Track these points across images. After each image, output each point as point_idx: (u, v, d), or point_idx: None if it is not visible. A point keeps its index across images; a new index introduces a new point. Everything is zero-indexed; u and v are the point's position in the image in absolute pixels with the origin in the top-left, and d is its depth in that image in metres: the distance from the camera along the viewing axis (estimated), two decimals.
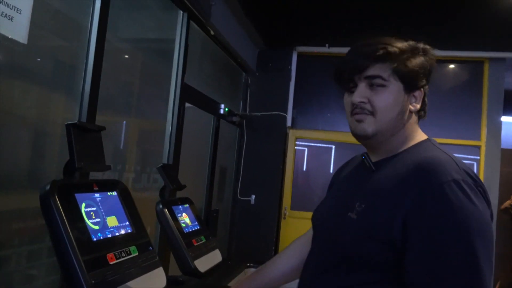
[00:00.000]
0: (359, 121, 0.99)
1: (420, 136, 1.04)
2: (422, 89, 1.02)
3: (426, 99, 1.05)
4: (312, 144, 4.64)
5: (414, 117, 1.03)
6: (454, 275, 0.81)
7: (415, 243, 0.85)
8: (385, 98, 0.96)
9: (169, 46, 2.70)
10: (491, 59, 4.20)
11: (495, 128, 4.16)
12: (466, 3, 3.97)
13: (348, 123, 1.03)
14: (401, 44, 0.99)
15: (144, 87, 2.60)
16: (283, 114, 4.32)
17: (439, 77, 4.45)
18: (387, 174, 0.96)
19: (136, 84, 2.50)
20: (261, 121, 4.27)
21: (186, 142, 2.81)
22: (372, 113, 0.97)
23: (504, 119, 4.44)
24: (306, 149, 4.63)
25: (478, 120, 4.23)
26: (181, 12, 2.72)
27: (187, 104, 2.83)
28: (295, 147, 4.48)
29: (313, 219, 1.15)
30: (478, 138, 4.21)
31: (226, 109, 3.56)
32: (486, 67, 4.23)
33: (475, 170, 4.20)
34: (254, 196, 4.24)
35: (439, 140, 3.81)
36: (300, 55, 4.49)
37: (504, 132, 4.23)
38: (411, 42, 1.01)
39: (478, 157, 4.20)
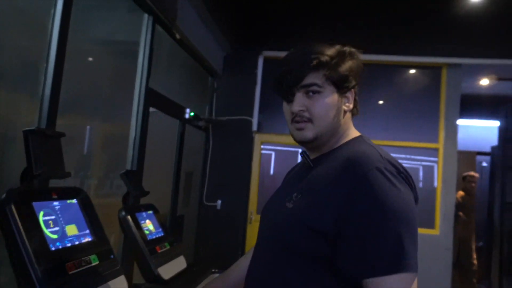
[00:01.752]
0: (299, 129, 1.06)
1: (353, 133, 1.12)
2: (353, 89, 1.10)
3: (357, 98, 1.13)
4: (279, 148, 4.67)
5: (348, 115, 1.11)
6: (380, 256, 0.87)
7: (345, 231, 0.91)
8: (321, 103, 1.04)
9: (135, 48, 2.66)
10: (448, 65, 4.37)
11: (452, 131, 4.33)
12: (425, 11, 4.14)
13: (290, 130, 1.11)
14: (330, 51, 1.06)
15: (110, 90, 2.55)
16: (249, 118, 4.34)
17: (399, 82, 4.60)
18: (322, 168, 1.04)
19: (101, 86, 2.45)
20: (227, 125, 4.27)
21: (151, 148, 2.77)
22: (311, 120, 1.04)
23: (461, 122, 4.63)
24: (273, 153, 4.67)
25: (436, 123, 4.39)
26: (146, 15, 2.69)
27: (151, 109, 2.79)
28: (261, 151, 4.50)
29: (261, 213, 1.21)
30: (436, 140, 4.37)
31: (192, 114, 3.53)
32: (444, 72, 4.40)
33: (434, 172, 4.35)
34: (220, 201, 4.22)
35: (399, 143, 3.90)
36: (266, 60, 4.52)
37: (460, 135, 4.41)
38: (338, 47, 1.09)
39: (437, 159, 4.36)
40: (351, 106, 1.10)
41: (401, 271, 0.85)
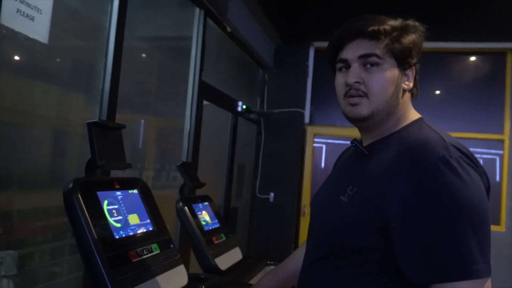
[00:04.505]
0: (353, 104, 0.96)
1: (413, 115, 1.01)
2: (413, 67, 0.99)
3: (417, 77, 1.01)
4: (330, 140, 4.59)
5: (407, 96, 1.00)
6: (445, 258, 0.79)
7: (404, 229, 0.83)
8: (380, 78, 0.94)
9: (186, 44, 2.70)
10: None
11: None
12: None
13: (340, 105, 1.01)
14: (392, 22, 0.97)
15: (162, 85, 2.61)
16: (301, 110, 4.29)
17: (460, 69, 4.36)
18: (378, 157, 0.95)
19: (154, 82, 2.51)
20: (279, 118, 4.25)
21: (205, 140, 2.81)
22: (367, 95, 0.95)
23: None
24: (324, 146, 4.60)
25: (501, 113, 4.12)
26: (198, 9, 2.71)
27: (205, 102, 2.83)
28: (314, 144, 4.45)
29: (311, 204, 1.14)
30: (501, 131, 4.10)
31: (244, 106, 3.54)
32: (509, 58, 4.12)
33: (497, 165, 4.10)
34: (273, 193, 4.22)
35: (460, 135, 3.70)
36: (317, 50, 4.44)
37: None
38: (401, 20, 0.99)
39: (502, 152, 4.09)
40: (411, 85, 0.99)
41: (471, 277, 0.77)
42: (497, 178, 4.09)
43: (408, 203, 0.83)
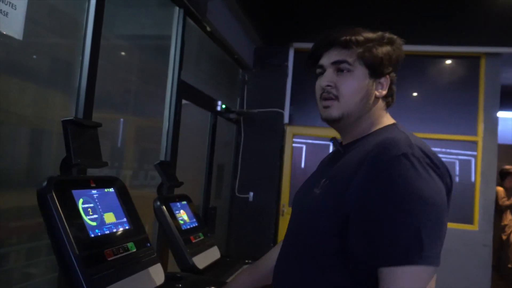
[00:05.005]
0: (326, 107, 1.05)
1: (387, 121, 1.08)
2: (388, 76, 1.06)
3: (393, 87, 1.09)
4: (310, 141, 4.64)
5: (381, 103, 1.08)
6: (396, 245, 0.82)
7: (360, 214, 0.88)
8: (350, 83, 1.02)
9: (165, 42, 2.68)
10: (487, 54, 4.20)
11: (492, 124, 4.17)
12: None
13: (318, 107, 1.09)
14: (368, 34, 1.05)
15: (141, 84, 2.59)
16: (280, 110, 4.32)
17: (436, 72, 4.46)
18: (352, 154, 1.01)
19: (132, 81, 2.49)
20: (259, 118, 4.26)
21: (184, 139, 2.80)
22: (337, 98, 1.03)
23: (501, 114, 4.45)
24: (304, 146, 4.63)
25: (475, 115, 4.23)
26: (177, 8, 2.71)
27: (184, 101, 2.82)
28: (293, 144, 4.48)
29: (293, 201, 1.21)
30: (475, 133, 4.22)
31: (223, 106, 3.55)
32: (483, 62, 4.24)
33: (472, 166, 4.21)
34: (252, 193, 4.23)
35: (436, 136, 3.78)
36: (297, 51, 4.48)
37: (500, 127, 4.24)
38: (379, 33, 1.07)
39: (476, 153, 4.21)
40: (384, 93, 1.06)
41: (418, 263, 0.80)
42: (473, 179, 4.20)
43: (364, 191, 0.88)
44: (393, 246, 0.82)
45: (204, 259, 1.78)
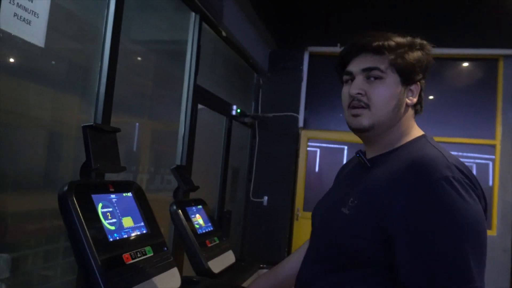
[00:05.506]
0: (355, 115, 1.00)
1: (416, 131, 1.04)
2: (418, 83, 1.02)
3: (422, 94, 1.05)
4: (324, 144, 4.62)
5: (411, 111, 1.04)
6: (444, 273, 0.80)
7: (406, 243, 0.84)
8: (382, 90, 0.98)
9: (181, 47, 2.71)
10: (505, 56, 4.14)
11: (510, 127, 4.10)
12: (480, 1, 3.93)
13: (345, 116, 1.04)
14: (399, 39, 1.01)
15: (157, 88, 2.62)
16: (295, 114, 4.32)
17: (453, 75, 4.41)
18: (381, 171, 0.97)
19: (149, 85, 2.52)
20: (273, 122, 4.27)
21: (199, 143, 2.83)
22: (368, 106, 0.98)
23: None
24: (318, 150, 4.62)
25: (493, 118, 4.17)
26: (193, 13, 2.74)
27: (199, 106, 2.85)
28: (307, 148, 4.47)
29: (312, 214, 1.17)
30: (493, 137, 4.16)
31: (238, 110, 3.56)
32: (501, 64, 4.18)
33: (490, 170, 4.14)
34: (266, 197, 4.24)
35: (453, 140, 3.73)
36: (311, 55, 4.48)
37: None
38: (409, 38, 1.03)
39: (494, 156, 4.14)
40: (415, 100, 1.02)
41: None
42: (490, 183, 4.14)
43: (411, 216, 0.84)
44: (443, 276, 0.80)
45: (219, 263, 1.79)
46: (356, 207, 0.95)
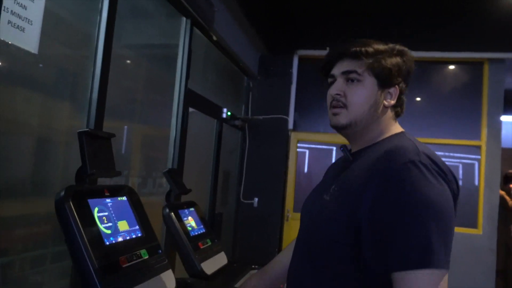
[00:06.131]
0: (335, 114, 1.09)
1: (396, 129, 1.11)
2: (397, 86, 1.09)
3: (403, 97, 1.12)
4: (313, 145, 4.68)
5: (390, 113, 1.11)
6: (407, 249, 0.85)
7: (371, 221, 0.90)
8: (359, 92, 1.06)
9: (172, 52, 2.74)
10: (490, 60, 4.23)
11: (495, 128, 4.19)
12: (465, 5, 4.02)
13: (328, 115, 1.13)
14: (378, 45, 1.09)
15: (148, 93, 2.64)
16: (285, 117, 4.37)
17: (440, 78, 4.49)
18: (360, 162, 1.04)
19: (140, 90, 2.54)
20: (263, 124, 4.31)
21: (190, 146, 2.85)
22: (346, 106, 1.07)
23: (504, 118, 4.48)
24: (307, 151, 4.67)
25: (478, 120, 4.26)
26: (185, 18, 2.76)
27: (190, 109, 2.87)
28: (297, 150, 4.52)
29: (301, 209, 1.23)
30: (478, 138, 4.25)
31: (229, 113, 3.60)
32: (486, 67, 4.27)
33: (476, 170, 4.23)
34: (257, 199, 4.27)
35: (439, 141, 3.79)
36: (301, 59, 4.53)
37: (504, 131, 4.26)
38: (391, 44, 1.11)
39: (479, 157, 4.23)
40: (393, 102, 1.09)
41: (429, 267, 0.83)
42: (476, 183, 4.22)
43: (375, 200, 0.91)
44: (406, 252, 0.85)
45: (212, 265, 1.82)
46: (335, 193, 1.02)
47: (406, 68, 1.09)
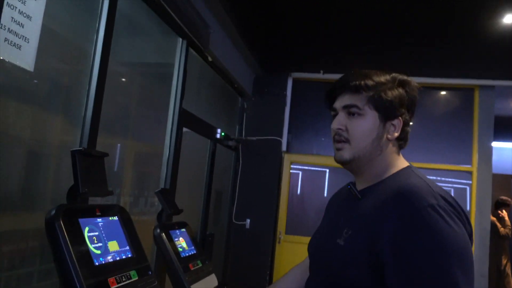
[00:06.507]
0: (338, 149, 1.07)
1: (402, 163, 1.08)
2: (400, 118, 1.06)
3: (407, 128, 1.09)
4: (306, 167, 4.68)
5: (393, 146, 1.08)
6: None
7: (395, 268, 0.88)
8: (360, 125, 1.05)
9: (167, 70, 2.75)
10: (481, 87, 4.31)
11: (486, 154, 4.24)
12: (456, 33, 4.12)
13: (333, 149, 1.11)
14: (378, 78, 1.06)
15: (142, 110, 2.64)
16: (278, 138, 4.38)
17: (431, 103, 4.56)
18: (371, 201, 1.01)
19: (133, 107, 2.54)
20: (257, 145, 4.32)
21: (183, 166, 2.84)
22: (348, 141, 1.05)
23: (495, 144, 4.53)
24: (300, 172, 4.68)
25: (470, 145, 4.31)
26: (181, 39, 2.79)
27: (184, 129, 2.87)
28: (290, 171, 4.52)
29: (309, 246, 1.21)
30: (469, 163, 4.28)
31: (223, 134, 3.60)
32: (477, 94, 4.34)
33: (467, 195, 4.25)
34: (249, 220, 4.25)
35: (431, 166, 3.82)
36: (295, 81, 4.58)
37: (495, 157, 4.31)
38: (393, 75, 1.09)
39: (470, 182, 4.26)
40: (396, 135, 1.06)
41: None
42: (468, 207, 4.24)
43: (399, 242, 0.88)
44: None
45: (202, 286, 1.79)
46: (350, 238, 0.99)
47: (409, 98, 1.07)
